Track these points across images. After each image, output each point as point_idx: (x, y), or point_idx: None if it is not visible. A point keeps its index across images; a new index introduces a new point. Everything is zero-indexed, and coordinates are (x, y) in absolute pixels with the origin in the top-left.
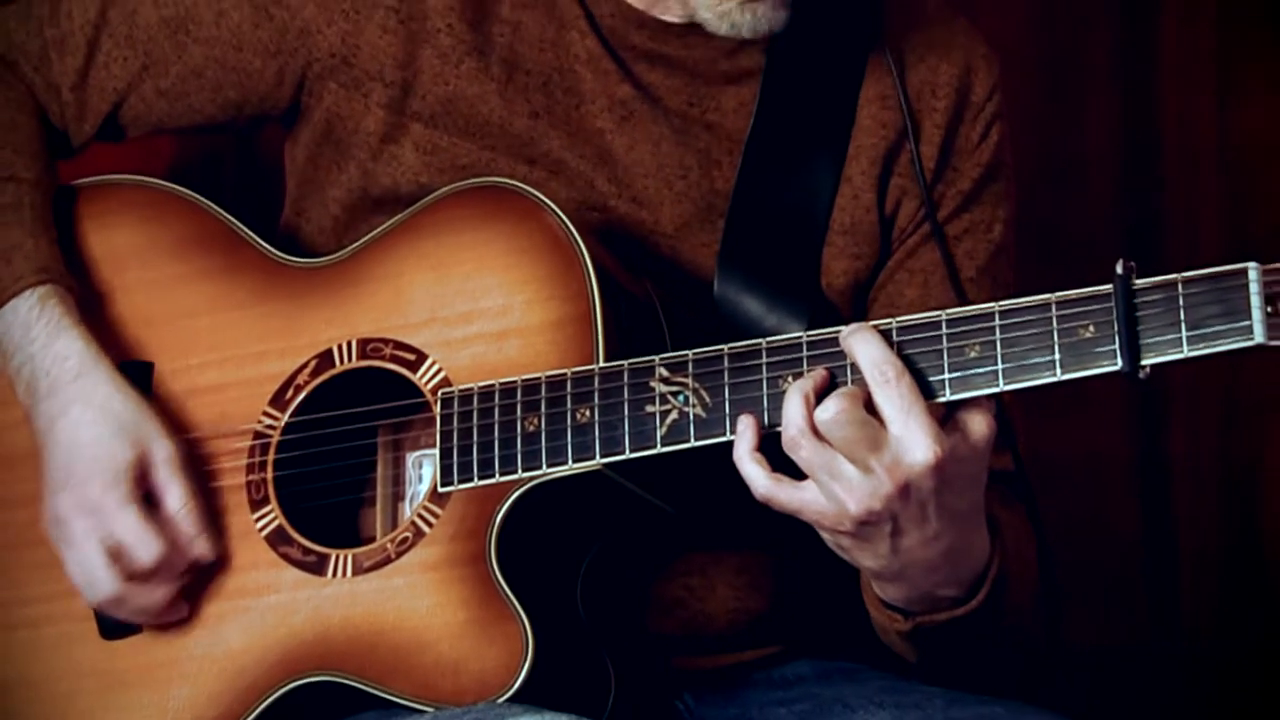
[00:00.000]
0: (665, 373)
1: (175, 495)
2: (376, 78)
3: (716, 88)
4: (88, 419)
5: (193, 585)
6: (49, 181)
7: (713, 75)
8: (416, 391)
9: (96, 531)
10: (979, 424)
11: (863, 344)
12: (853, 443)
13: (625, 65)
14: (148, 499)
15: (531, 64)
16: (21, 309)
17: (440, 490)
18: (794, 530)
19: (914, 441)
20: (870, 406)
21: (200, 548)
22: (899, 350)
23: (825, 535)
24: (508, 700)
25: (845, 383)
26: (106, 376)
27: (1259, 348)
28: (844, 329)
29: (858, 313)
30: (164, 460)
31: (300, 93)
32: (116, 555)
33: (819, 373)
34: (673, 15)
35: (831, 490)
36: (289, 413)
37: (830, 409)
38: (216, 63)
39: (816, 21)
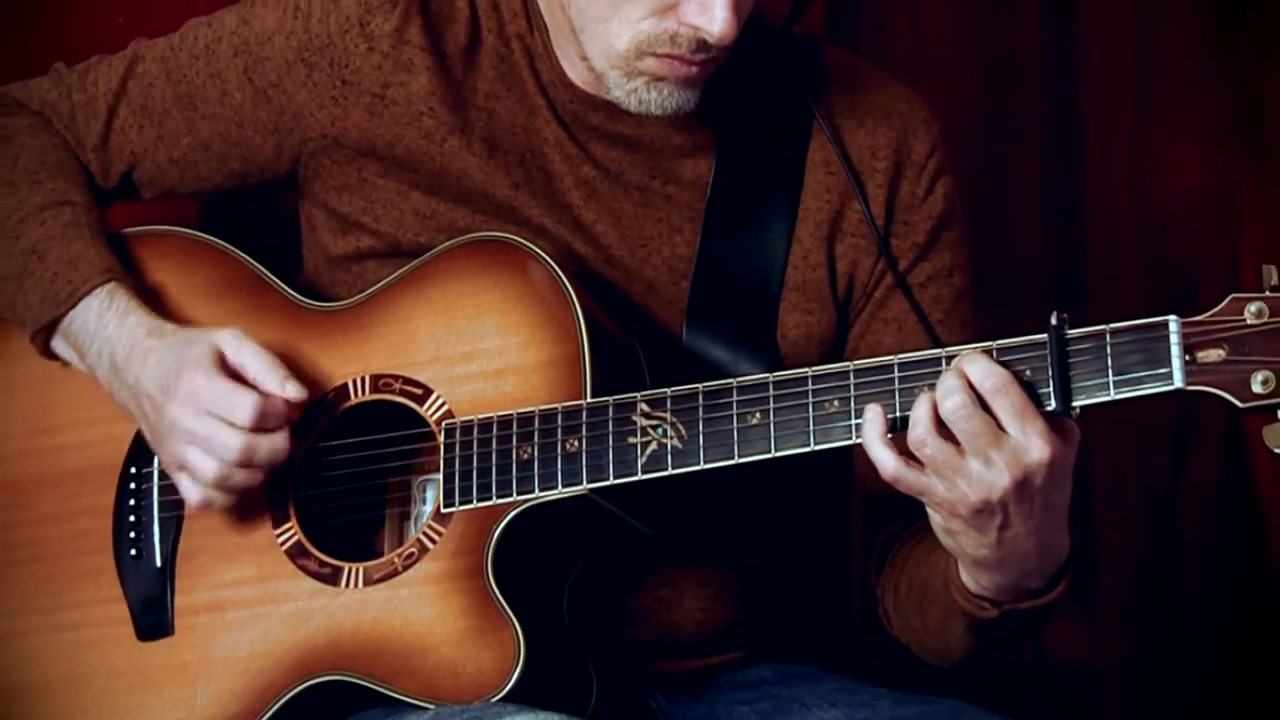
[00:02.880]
0: (646, 408)
1: (250, 358)
2: (369, 154)
3: (674, 161)
4: (166, 352)
5: (220, 594)
6: (97, 208)
7: (668, 150)
8: (423, 422)
9: (202, 410)
10: (1074, 429)
11: (970, 361)
12: (975, 435)
13: (586, 147)
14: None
15: (508, 144)
16: (93, 305)
17: (443, 511)
18: (756, 549)
19: (1031, 441)
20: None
21: (292, 391)
22: (855, 391)
23: (937, 521)
24: (501, 699)
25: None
26: (174, 328)
27: (1177, 392)
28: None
29: (813, 363)
30: (231, 339)
31: (297, 165)
32: (226, 418)
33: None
34: (623, 104)
35: (954, 483)
36: (309, 440)
37: (955, 400)
38: (221, 137)
39: (760, 95)
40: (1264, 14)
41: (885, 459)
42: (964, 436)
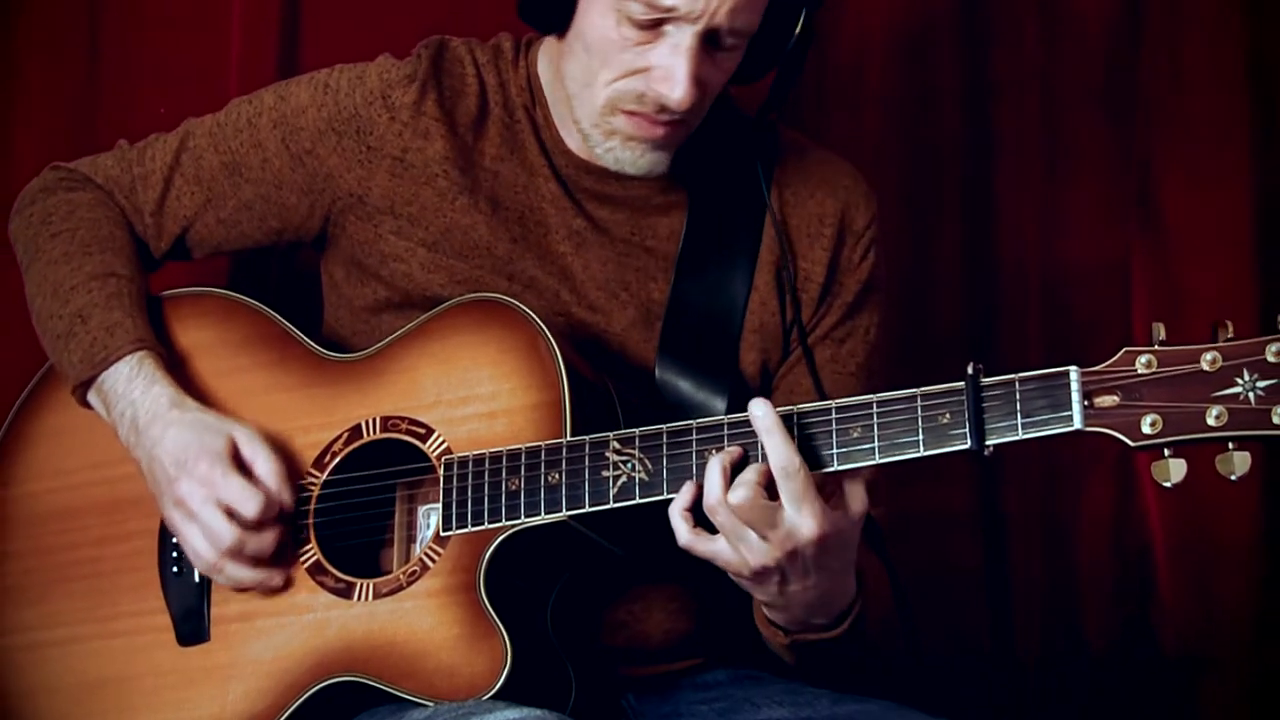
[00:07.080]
0: (617, 445)
1: (262, 460)
2: (387, 212)
3: (653, 218)
4: (186, 429)
5: (249, 605)
6: (141, 279)
7: (648, 208)
8: (426, 458)
9: (211, 498)
10: (858, 503)
11: (771, 444)
12: (755, 520)
13: (579, 204)
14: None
15: (510, 202)
16: (123, 370)
17: (443, 534)
18: (713, 568)
19: (803, 523)
20: (772, 484)
21: (285, 496)
22: (799, 431)
23: (730, 573)
24: (491, 698)
25: (756, 456)
26: (194, 404)
27: (1077, 432)
28: (759, 420)
29: (764, 391)
30: (247, 439)
31: (327, 224)
32: (230, 512)
33: (734, 450)
34: (602, 161)
35: (737, 548)
36: (326, 473)
37: (740, 494)
38: (262, 199)
39: (727, 163)
40: (1154, 109)
41: (680, 529)
42: (746, 518)
